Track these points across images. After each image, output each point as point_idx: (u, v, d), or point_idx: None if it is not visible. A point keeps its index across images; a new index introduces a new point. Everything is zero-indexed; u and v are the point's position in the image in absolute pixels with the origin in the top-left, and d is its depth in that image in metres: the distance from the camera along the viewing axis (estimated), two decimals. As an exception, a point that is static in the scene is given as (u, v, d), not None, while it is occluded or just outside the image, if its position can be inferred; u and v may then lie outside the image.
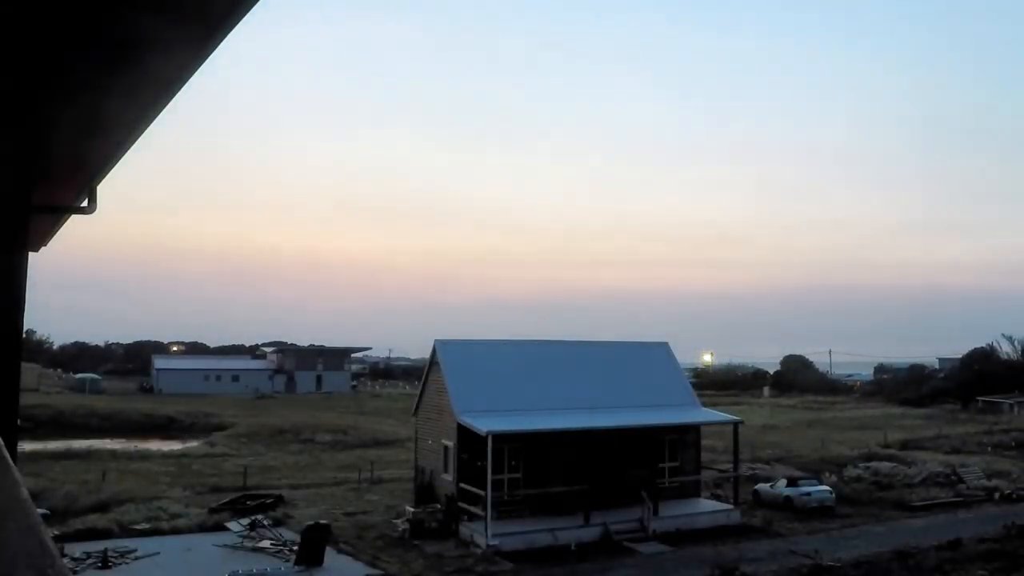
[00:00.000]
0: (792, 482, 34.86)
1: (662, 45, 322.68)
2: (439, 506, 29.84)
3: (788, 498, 33.67)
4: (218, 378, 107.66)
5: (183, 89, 3.87)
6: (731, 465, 33.81)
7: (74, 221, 5.98)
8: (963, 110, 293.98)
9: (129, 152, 4.80)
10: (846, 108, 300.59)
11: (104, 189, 5.40)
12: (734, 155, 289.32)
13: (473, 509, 28.31)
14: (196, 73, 3.71)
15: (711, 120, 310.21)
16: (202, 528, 29.50)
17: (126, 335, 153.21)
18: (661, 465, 32.17)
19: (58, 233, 6.49)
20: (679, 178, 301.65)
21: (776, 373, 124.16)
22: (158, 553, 25.71)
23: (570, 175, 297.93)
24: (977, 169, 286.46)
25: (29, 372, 78.98)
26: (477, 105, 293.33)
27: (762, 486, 35.91)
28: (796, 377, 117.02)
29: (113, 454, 51.13)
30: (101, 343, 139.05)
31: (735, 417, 34.15)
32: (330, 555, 25.25)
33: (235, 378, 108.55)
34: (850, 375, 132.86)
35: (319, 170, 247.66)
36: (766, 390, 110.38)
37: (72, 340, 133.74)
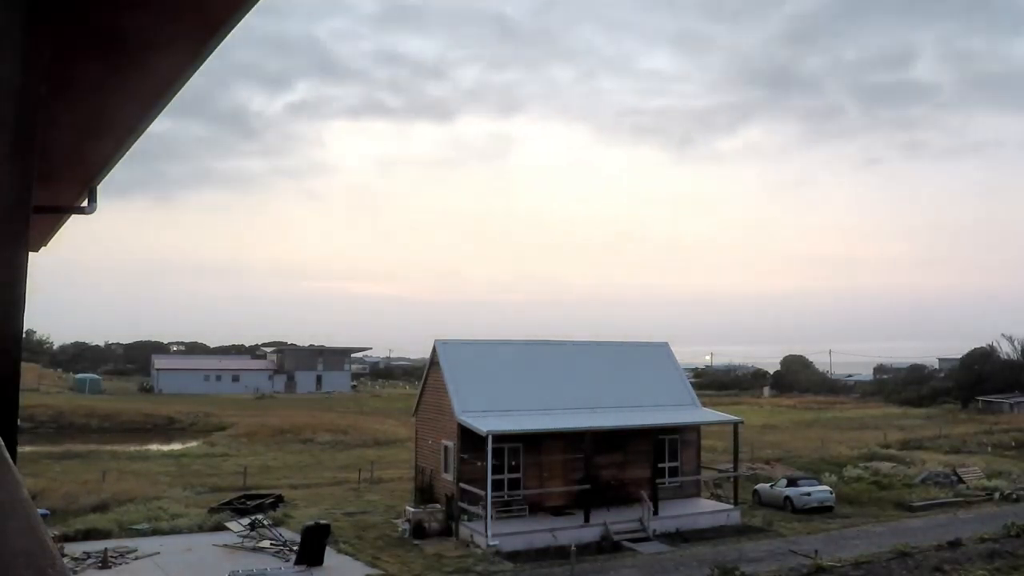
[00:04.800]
0: (792, 482, 34.89)
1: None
2: (439, 506, 29.85)
3: (788, 498, 33.70)
4: (218, 378, 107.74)
5: (182, 89, 3.88)
6: (731, 465, 33.81)
7: (74, 221, 5.98)
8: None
9: (129, 152, 4.80)
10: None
11: (104, 189, 5.41)
12: (734, 155, 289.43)
13: (473, 509, 28.32)
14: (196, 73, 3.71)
15: (703, 119, 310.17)
16: (202, 528, 29.51)
17: (126, 335, 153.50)
18: (661, 465, 32.14)
19: (58, 233, 6.49)
20: (679, 178, 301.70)
21: (776, 373, 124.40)
22: (158, 553, 25.71)
23: (569, 175, 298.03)
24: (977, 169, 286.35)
25: (29, 372, 79.05)
26: (475, 115, 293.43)
27: (762, 486, 35.96)
28: (796, 377, 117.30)
29: (113, 454, 51.22)
30: (101, 343, 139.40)
31: (735, 417, 34.12)
32: (330, 555, 25.25)
33: (235, 378, 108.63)
34: (850, 375, 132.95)
35: (320, 170, 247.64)
36: (766, 390, 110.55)
37: (72, 340, 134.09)
